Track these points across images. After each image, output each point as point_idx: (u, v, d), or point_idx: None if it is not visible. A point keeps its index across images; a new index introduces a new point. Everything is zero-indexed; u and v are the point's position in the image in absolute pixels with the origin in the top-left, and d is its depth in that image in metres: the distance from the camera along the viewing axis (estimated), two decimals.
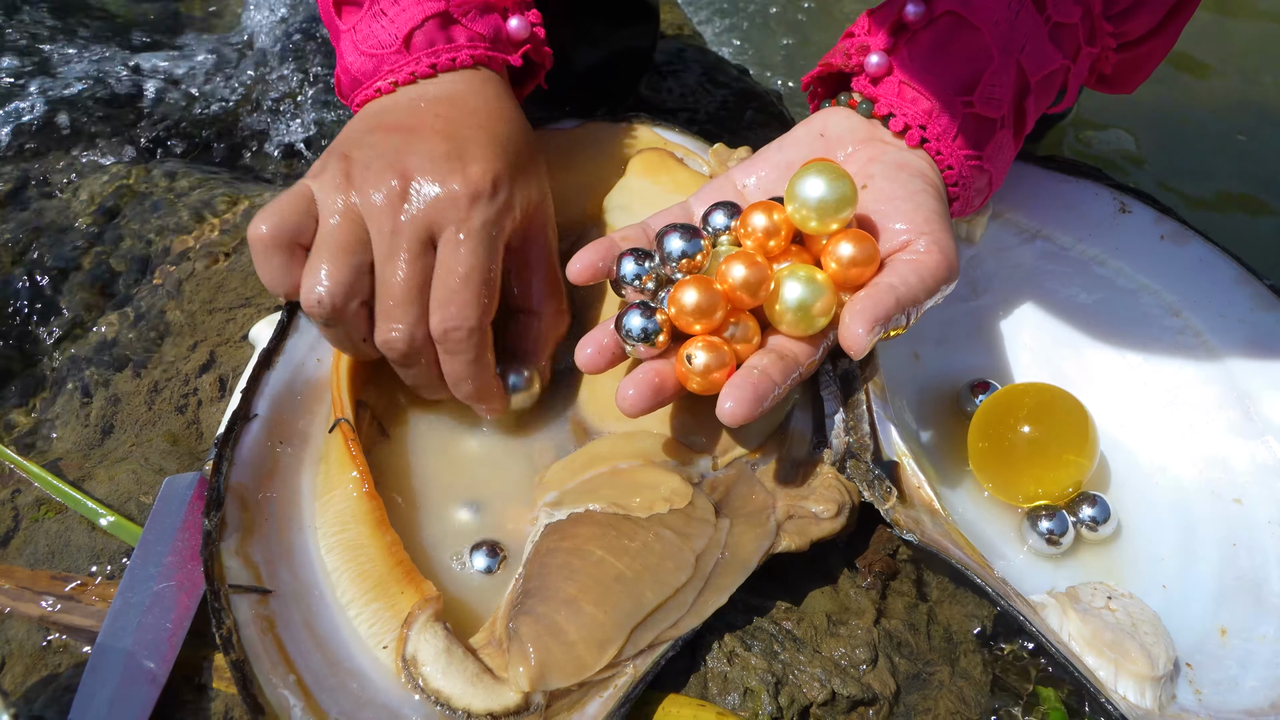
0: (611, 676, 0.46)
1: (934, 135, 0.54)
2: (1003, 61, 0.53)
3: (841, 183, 0.50)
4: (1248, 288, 0.63)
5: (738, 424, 0.47)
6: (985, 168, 0.55)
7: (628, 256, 0.52)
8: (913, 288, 0.49)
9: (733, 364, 0.49)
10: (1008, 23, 0.53)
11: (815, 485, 0.53)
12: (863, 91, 0.56)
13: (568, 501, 0.52)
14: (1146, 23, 0.57)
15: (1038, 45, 0.54)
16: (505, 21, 0.57)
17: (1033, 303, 0.66)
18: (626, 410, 0.49)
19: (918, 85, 0.54)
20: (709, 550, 0.50)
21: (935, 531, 0.52)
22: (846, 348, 0.48)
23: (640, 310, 0.50)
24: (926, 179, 0.53)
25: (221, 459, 0.50)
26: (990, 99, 0.53)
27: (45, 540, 0.54)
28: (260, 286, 0.67)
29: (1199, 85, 1.25)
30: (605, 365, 0.51)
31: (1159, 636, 0.50)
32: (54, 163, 0.80)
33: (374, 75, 0.55)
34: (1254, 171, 1.14)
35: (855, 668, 0.49)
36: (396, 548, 0.49)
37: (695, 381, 0.49)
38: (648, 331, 0.49)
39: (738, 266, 0.49)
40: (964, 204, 0.56)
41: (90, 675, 0.47)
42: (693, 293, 0.49)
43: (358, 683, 0.46)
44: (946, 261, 0.51)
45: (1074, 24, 0.54)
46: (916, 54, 0.54)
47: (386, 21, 0.55)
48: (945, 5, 0.54)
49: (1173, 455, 0.61)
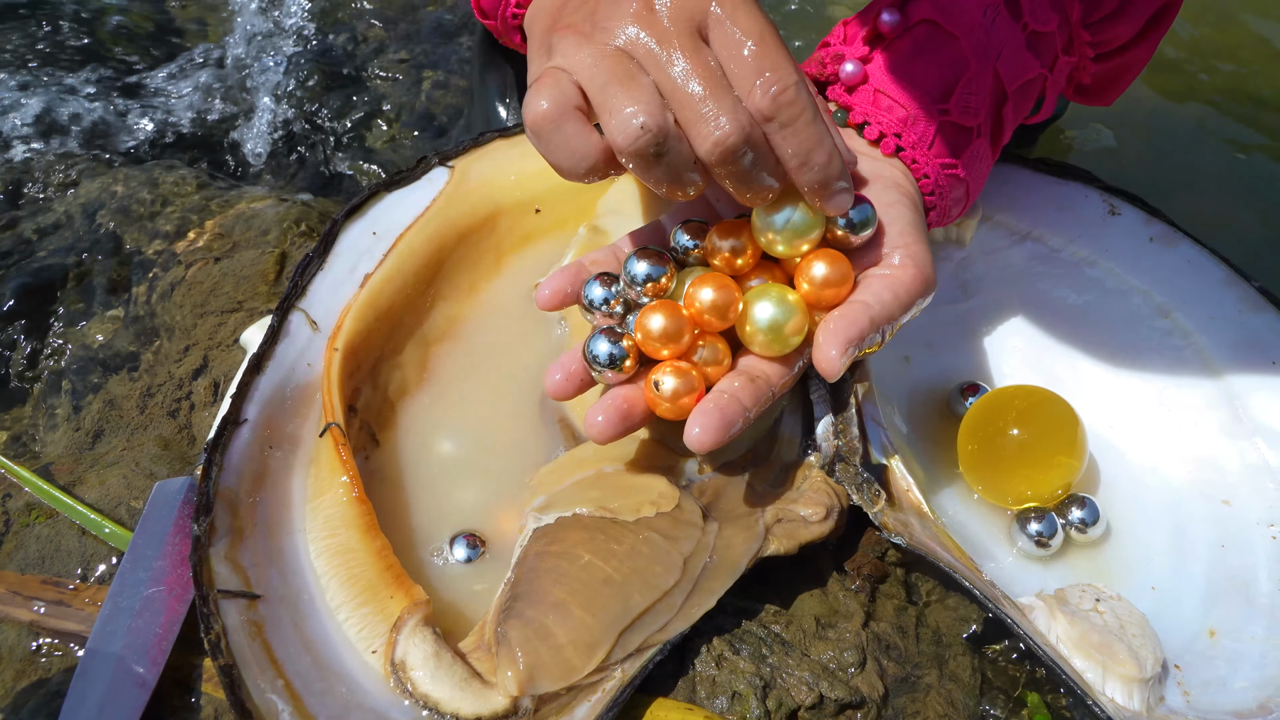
0: (600, 680, 0.46)
1: (909, 144, 0.53)
2: (979, 69, 0.53)
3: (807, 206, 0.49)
4: (1236, 289, 0.63)
5: (705, 450, 0.46)
6: (962, 176, 0.55)
7: (595, 281, 0.51)
8: (887, 305, 0.48)
9: (702, 388, 0.48)
10: (984, 30, 0.53)
11: (804, 489, 0.53)
12: (838, 100, 0.55)
13: (555, 505, 0.52)
14: (1125, 32, 0.57)
15: (1014, 53, 0.53)
16: None
17: (1022, 304, 0.66)
18: (595, 437, 0.48)
19: (893, 93, 0.53)
20: (697, 553, 0.50)
21: (924, 534, 0.52)
22: (821, 370, 0.47)
23: (606, 336, 0.49)
24: (902, 189, 0.52)
25: (211, 464, 0.50)
26: (967, 107, 0.53)
27: (36, 545, 0.55)
28: (251, 290, 0.67)
29: (1187, 86, 1.25)
30: (574, 392, 0.50)
31: (1147, 638, 0.50)
32: (45, 167, 0.80)
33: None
34: (1242, 173, 1.14)
35: (843, 671, 0.50)
36: (386, 552, 0.50)
37: (664, 407, 0.48)
38: (614, 357, 0.49)
39: (706, 290, 0.49)
40: (941, 213, 0.55)
41: (80, 680, 0.47)
42: (659, 318, 0.48)
43: (346, 687, 0.47)
44: (922, 275, 0.49)
45: (1051, 32, 0.54)
46: (892, 62, 0.53)
47: None
48: (921, 13, 0.53)
49: (1162, 456, 0.61)
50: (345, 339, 0.56)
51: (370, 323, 0.58)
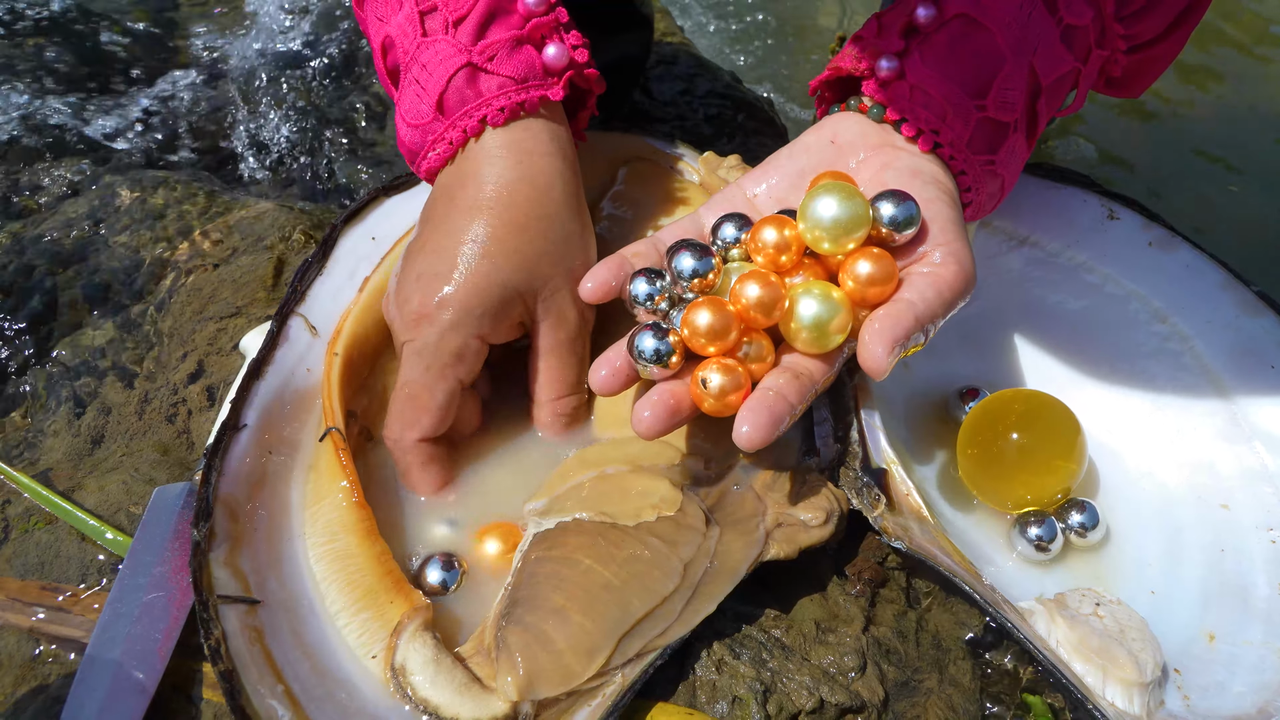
0: (600, 685, 0.46)
1: (947, 140, 0.53)
2: (1015, 64, 0.52)
3: (855, 202, 0.49)
4: (1234, 293, 0.63)
5: (755, 449, 0.46)
6: (999, 172, 0.54)
7: (640, 276, 0.51)
8: (931, 304, 0.48)
9: (748, 385, 0.48)
10: (1020, 25, 0.52)
11: (804, 493, 0.53)
12: (873, 96, 0.54)
13: (555, 509, 0.52)
14: (1157, 25, 0.57)
15: (1049, 47, 0.53)
16: (541, 52, 0.55)
17: (1021, 309, 0.66)
18: (643, 433, 0.48)
19: (930, 89, 0.52)
20: (697, 559, 0.50)
21: (923, 539, 0.52)
22: (868, 370, 0.47)
23: (653, 331, 0.49)
24: (941, 185, 0.52)
25: (210, 469, 0.50)
26: (1004, 103, 0.53)
27: (35, 551, 0.54)
28: (250, 296, 0.67)
29: (1185, 90, 1.25)
30: (620, 387, 0.50)
31: (1146, 642, 0.50)
32: (44, 174, 0.80)
33: (422, 147, 0.55)
34: (1240, 176, 1.14)
35: (844, 675, 0.50)
36: (386, 557, 0.50)
37: (710, 404, 0.48)
38: (660, 353, 0.49)
39: (752, 286, 0.48)
40: (976, 208, 0.55)
41: (79, 686, 0.47)
42: (706, 314, 0.48)
43: (346, 692, 0.46)
44: (964, 273, 0.49)
45: (1085, 25, 0.53)
46: (928, 57, 0.53)
47: (419, 90, 0.54)
48: (957, 7, 0.52)
49: (1160, 461, 0.61)
50: (345, 344, 0.56)
51: (369, 327, 0.58)
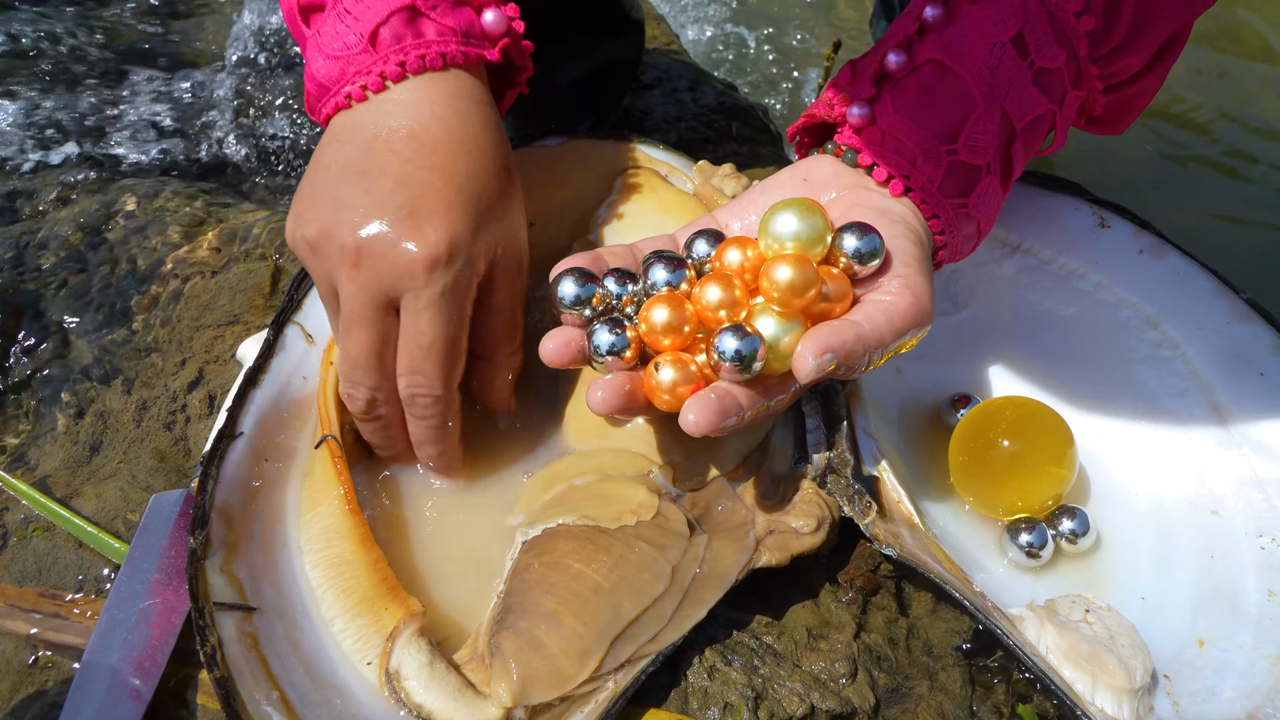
0: (592, 691, 0.47)
1: (918, 185, 0.53)
2: (986, 108, 0.53)
3: (814, 217, 0.49)
4: (1224, 300, 0.63)
5: (699, 434, 0.46)
6: (972, 214, 0.55)
7: (568, 277, 0.51)
8: (879, 327, 0.48)
9: (700, 382, 0.48)
10: (990, 69, 0.53)
11: (796, 500, 0.54)
12: (847, 142, 0.55)
13: (540, 518, 0.53)
14: (1135, 63, 0.57)
15: (1022, 90, 0.53)
16: (480, 16, 0.55)
17: (1013, 316, 0.67)
18: (595, 408, 0.48)
19: (900, 134, 0.53)
20: (685, 562, 0.50)
21: (914, 545, 0.52)
22: (793, 369, 0.47)
23: (609, 326, 0.49)
24: (908, 225, 0.52)
25: (207, 477, 0.51)
26: (975, 146, 0.53)
27: (33, 558, 0.55)
28: (248, 304, 0.68)
29: (1176, 98, 1.26)
30: (566, 361, 0.50)
31: (1136, 648, 0.51)
32: (43, 181, 0.81)
33: (341, 79, 0.53)
34: (1230, 185, 1.15)
35: (835, 681, 0.50)
36: (381, 564, 0.50)
37: (662, 397, 0.48)
38: (615, 346, 0.49)
39: (712, 287, 0.49)
40: (953, 251, 0.56)
41: (76, 692, 0.48)
42: (662, 310, 0.49)
43: (341, 698, 0.47)
44: (918, 305, 0.50)
45: (1059, 68, 0.54)
46: (899, 103, 0.54)
47: (351, 20, 0.53)
48: (928, 53, 0.53)
49: (1151, 467, 0.61)
50: None
51: None
